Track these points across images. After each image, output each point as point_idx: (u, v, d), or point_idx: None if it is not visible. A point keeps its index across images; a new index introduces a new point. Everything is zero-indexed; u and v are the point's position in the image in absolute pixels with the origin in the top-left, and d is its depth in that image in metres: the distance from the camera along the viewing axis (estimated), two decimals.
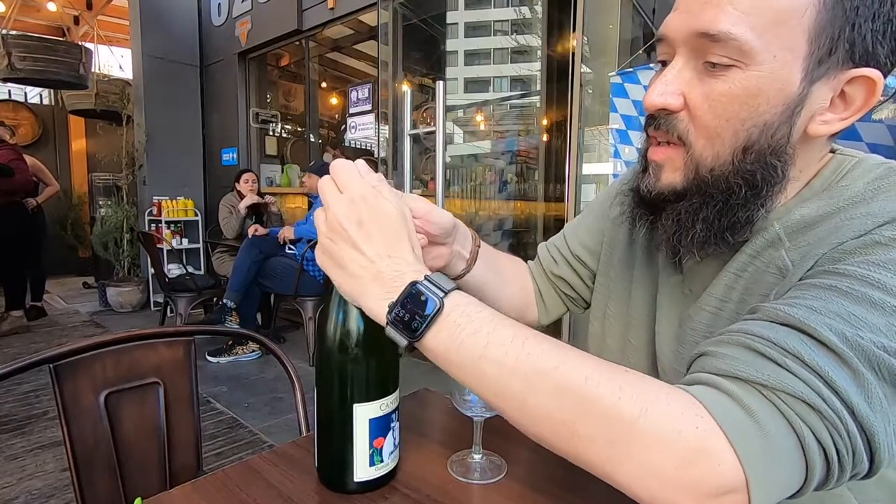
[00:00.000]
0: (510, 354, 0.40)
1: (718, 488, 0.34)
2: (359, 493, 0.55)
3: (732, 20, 0.43)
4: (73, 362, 0.83)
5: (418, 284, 0.43)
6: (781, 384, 0.35)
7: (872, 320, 0.37)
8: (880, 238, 0.41)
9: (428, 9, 3.99)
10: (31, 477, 1.92)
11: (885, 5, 0.42)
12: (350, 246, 0.46)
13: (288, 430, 2.33)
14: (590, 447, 0.38)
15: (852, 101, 0.45)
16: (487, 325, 0.42)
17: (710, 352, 0.40)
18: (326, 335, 0.54)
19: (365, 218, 0.46)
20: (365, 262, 0.45)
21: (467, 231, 0.67)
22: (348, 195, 0.47)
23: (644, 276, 0.62)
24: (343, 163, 0.49)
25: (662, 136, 0.50)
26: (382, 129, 3.62)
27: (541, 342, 0.41)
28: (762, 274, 0.48)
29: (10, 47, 3.76)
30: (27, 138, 5.81)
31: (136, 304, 4.56)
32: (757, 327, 0.39)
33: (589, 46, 2.44)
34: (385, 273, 0.45)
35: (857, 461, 0.35)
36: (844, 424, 0.34)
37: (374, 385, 0.54)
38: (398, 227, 0.47)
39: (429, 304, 0.42)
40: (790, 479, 0.35)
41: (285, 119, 5.33)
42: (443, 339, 0.43)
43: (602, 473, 0.38)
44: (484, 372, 0.41)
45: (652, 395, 0.37)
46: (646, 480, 0.36)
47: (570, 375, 0.38)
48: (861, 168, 0.48)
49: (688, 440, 0.34)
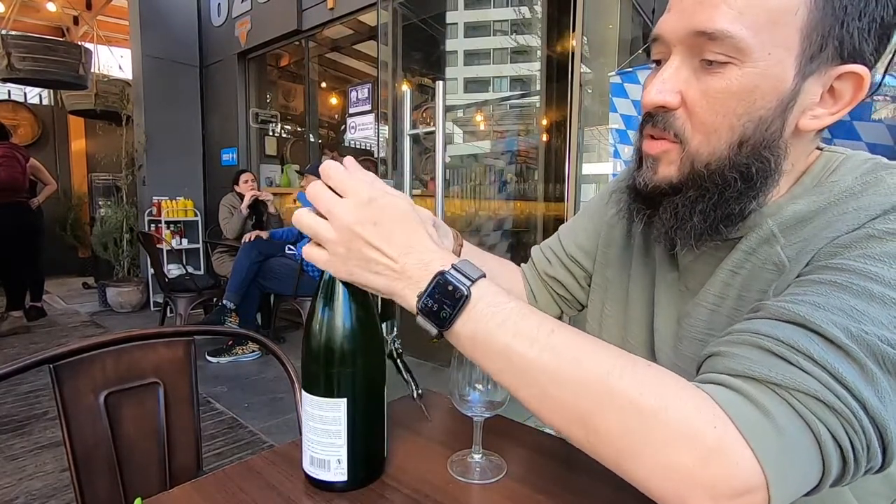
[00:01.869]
0: (535, 345, 0.41)
1: (737, 488, 0.34)
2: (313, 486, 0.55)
3: (729, 19, 0.44)
4: (73, 362, 0.83)
5: (446, 274, 0.43)
6: (795, 383, 0.35)
7: (874, 313, 0.37)
8: (873, 231, 0.41)
9: (428, 9, 3.99)
10: (31, 477, 1.92)
11: (870, 4, 0.43)
12: (370, 248, 0.46)
13: (288, 430, 2.33)
14: (607, 441, 0.38)
15: (841, 97, 0.47)
16: (514, 315, 0.42)
17: (721, 352, 0.40)
18: (313, 331, 0.54)
19: (379, 218, 0.46)
20: (388, 261, 0.45)
21: (448, 230, 0.67)
22: (354, 199, 0.46)
23: (641, 274, 0.62)
24: (334, 166, 0.48)
25: (659, 134, 0.50)
26: (382, 130, 3.63)
27: (566, 333, 0.41)
28: (759, 270, 0.49)
29: (10, 47, 3.76)
30: (27, 138, 5.81)
31: (135, 304, 4.56)
32: (764, 326, 0.39)
33: (589, 46, 2.44)
34: (411, 266, 0.45)
35: (872, 455, 0.36)
36: (858, 420, 0.35)
37: (318, 379, 0.53)
38: (413, 218, 0.47)
39: (456, 293, 0.43)
40: (807, 476, 0.36)
41: (285, 119, 5.33)
42: (470, 329, 0.43)
43: (617, 467, 0.38)
44: (509, 361, 0.42)
45: (672, 392, 0.37)
46: (662, 477, 0.36)
47: (592, 368, 0.39)
48: (849, 164, 0.49)
49: (706, 439, 0.35)
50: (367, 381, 0.55)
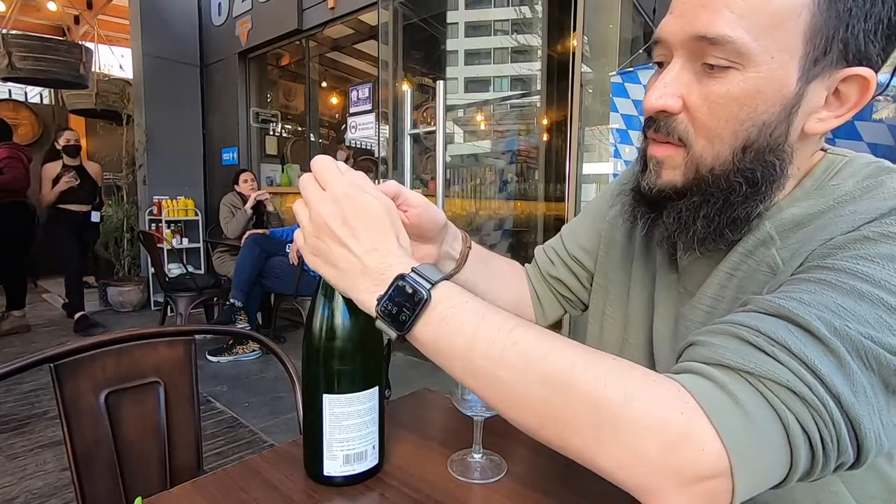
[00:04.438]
0: (496, 345, 0.40)
1: (702, 473, 0.34)
2: (330, 486, 0.56)
3: (730, 23, 0.43)
4: (74, 362, 0.83)
5: (406, 277, 0.43)
6: (767, 372, 0.35)
7: (860, 312, 0.37)
8: (868, 233, 0.41)
9: (428, 8, 3.99)
10: (31, 476, 1.92)
11: (875, 5, 0.43)
12: (336, 243, 0.46)
13: (288, 430, 2.33)
14: (576, 434, 0.38)
15: (847, 99, 0.46)
16: (474, 316, 0.42)
17: (699, 341, 0.40)
18: (309, 327, 0.56)
19: (349, 214, 0.46)
20: (352, 257, 0.45)
21: (458, 232, 0.67)
22: (331, 192, 0.47)
23: (642, 275, 0.62)
24: (323, 159, 0.49)
25: (662, 138, 0.50)
26: (382, 129, 3.63)
27: (528, 331, 0.41)
28: (754, 273, 0.48)
29: (11, 47, 3.76)
30: (27, 138, 5.81)
31: (136, 303, 4.56)
32: (746, 318, 0.39)
33: (589, 46, 2.44)
34: (372, 267, 0.45)
35: (842, 450, 0.35)
36: (829, 412, 0.34)
37: (342, 379, 0.55)
38: (382, 220, 0.47)
39: (415, 296, 0.42)
40: (774, 466, 0.36)
41: (285, 119, 5.33)
42: (431, 332, 0.43)
43: (587, 460, 0.38)
44: (472, 363, 0.41)
45: (637, 381, 0.37)
46: (630, 466, 0.36)
47: (556, 363, 0.39)
48: (851, 167, 0.49)
49: (672, 426, 0.34)
50: (379, 361, 0.58)
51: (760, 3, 0.43)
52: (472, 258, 0.68)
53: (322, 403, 0.54)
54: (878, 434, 0.35)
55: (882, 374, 0.36)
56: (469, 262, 0.67)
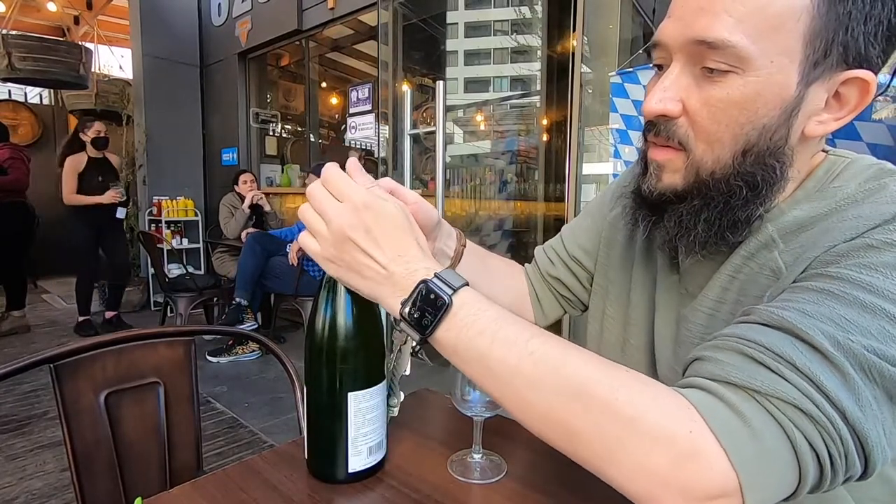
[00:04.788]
0: (513, 354, 0.41)
1: (710, 491, 0.34)
2: (349, 483, 0.56)
3: (729, 27, 0.43)
4: (73, 362, 0.83)
5: (429, 282, 0.44)
6: (774, 390, 0.35)
7: (863, 323, 0.37)
8: (872, 241, 0.41)
9: (428, 9, 3.99)
10: (31, 477, 1.92)
11: (875, 7, 0.42)
12: (361, 254, 0.46)
13: (288, 430, 2.33)
14: (587, 445, 0.38)
15: (847, 102, 0.46)
16: (493, 323, 0.43)
17: (705, 356, 0.40)
18: (315, 328, 0.56)
19: (371, 224, 0.46)
20: (377, 266, 0.46)
21: (452, 230, 0.67)
22: (350, 204, 0.47)
23: (642, 276, 0.62)
24: (334, 169, 0.49)
25: (662, 142, 0.50)
26: (382, 129, 3.63)
27: (545, 341, 0.41)
28: (756, 276, 0.48)
29: (11, 47, 3.76)
30: (27, 138, 5.81)
31: (136, 304, 4.56)
32: (750, 332, 0.39)
33: (589, 46, 2.44)
34: (397, 273, 0.46)
35: (850, 464, 0.36)
36: (836, 429, 0.35)
37: (364, 374, 0.56)
38: (404, 226, 0.48)
39: (437, 301, 0.43)
40: (783, 483, 0.36)
41: (285, 119, 5.33)
42: (451, 336, 0.44)
43: (597, 470, 0.39)
44: (489, 369, 0.42)
45: (649, 396, 0.37)
46: (639, 479, 0.36)
47: (570, 375, 0.39)
48: (853, 169, 0.49)
49: (681, 442, 0.35)
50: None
51: (759, 6, 0.42)
52: (469, 257, 0.68)
53: (346, 402, 0.55)
54: (883, 447, 0.36)
55: (885, 386, 0.36)
56: (466, 261, 0.67)
